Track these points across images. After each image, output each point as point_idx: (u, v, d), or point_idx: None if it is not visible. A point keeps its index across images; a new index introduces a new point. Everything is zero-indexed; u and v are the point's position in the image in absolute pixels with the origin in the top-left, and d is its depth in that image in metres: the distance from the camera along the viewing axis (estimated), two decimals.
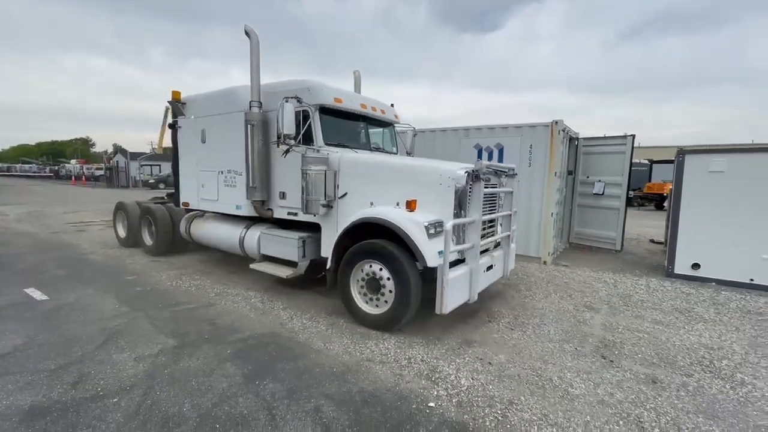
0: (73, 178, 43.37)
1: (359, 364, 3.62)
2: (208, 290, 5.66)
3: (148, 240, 7.93)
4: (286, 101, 4.77)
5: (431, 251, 3.96)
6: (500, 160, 8.15)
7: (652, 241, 10.79)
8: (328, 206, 4.95)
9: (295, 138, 4.91)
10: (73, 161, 60.46)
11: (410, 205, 4.37)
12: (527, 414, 2.94)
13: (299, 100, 5.01)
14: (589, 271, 7.37)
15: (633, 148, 8.59)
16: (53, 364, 3.46)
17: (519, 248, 8.01)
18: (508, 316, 4.95)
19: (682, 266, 6.89)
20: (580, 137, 9.18)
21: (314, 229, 5.31)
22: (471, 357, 3.82)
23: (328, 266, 4.82)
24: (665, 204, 19.11)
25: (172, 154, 7.26)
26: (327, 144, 5.16)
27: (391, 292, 4.24)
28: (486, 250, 4.96)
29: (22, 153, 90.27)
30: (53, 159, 72.98)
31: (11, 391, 3.04)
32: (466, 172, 4.24)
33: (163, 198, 8.76)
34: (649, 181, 24.11)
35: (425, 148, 9.20)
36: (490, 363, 3.71)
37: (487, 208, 4.77)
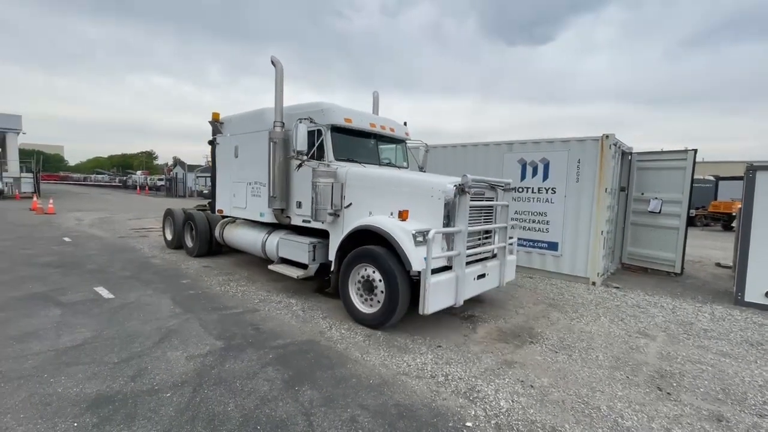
0: (138, 187, 47.39)
1: (395, 377, 3.62)
2: (253, 296, 5.92)
3: (189, 242, 8.82)
4: (300, 122, 5.44)
5: (417, 257, 4.27)
6: (545, 175, 7.90)
7: (719, 264, 9.85)
8: (335, 215, 5.44)
9: (307, 154, 5.53)
10: (138, 172, 66.14)
11: (402, 215, 4.78)
12: None
13: (311, 120, 5.65)
14: (643, 294, 6.87)
15: (695, 163, 7.98)
16: (116, 358, 3.78)
17: (564, 267, 7.69)
18: (552, 338, 4.73)
19: (753, 293, 6.23)
20: (633, 152, 8.68)
21: (326, 235, 5.76)
22: (511, 378, 3.68)
23: (332, 269, 5.31)
24: (734, 224, 17.41)
25: (211, 168, 8.25)
26: (338, 159, 5.66)
27: (382, 293, 4.59)
28: (481, 260, 5.20)
29: (96, 165, 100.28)
30: (122, 170, 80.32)
31: (81, 379, 3.36)
32: (455, 185, 4.53)
33: (204, 206, 9.53)
34: (715, 199, 22.10)
35: (466, 162, 9.12)
36: (531, 386, 3.56)
37: (482, 220, 5.15)
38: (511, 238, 5.77)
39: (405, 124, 6.98)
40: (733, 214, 18.08)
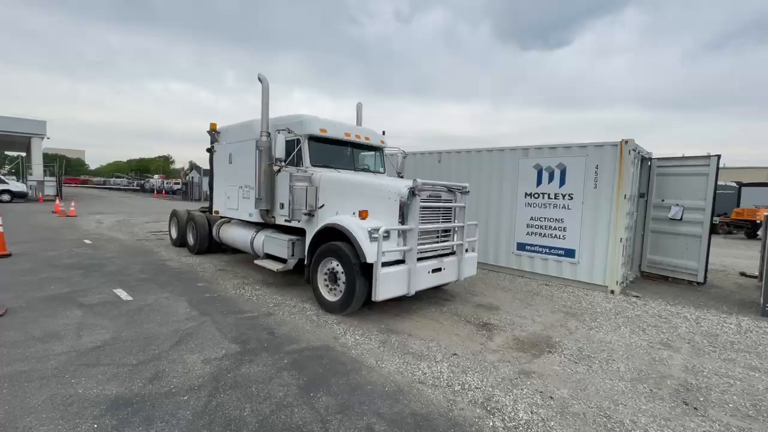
0: (155, 191, 48.38)
1: (411, 385, 3.57)
2: (268, 300, 5.95)
3: (191, 240, 9.54)
4: (278, 132, 6.09)
5: (372, 250, 4.77)
6: (562, 180, 7.78)
7: (743, 274, 9.52)
8: (310, 215, 5.99)
9: (285, 161, 6.17)
10: (156, 176, 67.53)
11: (362, 215, 5.32)
12: None
13: (289, 131, 6.25)
14: (664, 304, 6.67)
15: (718, 169, 7.75)
16: (135, 360, 3.83)
17: (582, 274, 7.55)
18: (571, 347, 4.62)
19: None
20: (653, 157, 8.49)
21: (305, 233, 6.24)
22: (530, 389, 3.60)
23: (305, 262, 5.92)
24: (759, 232, 16.85)
25: (209, 173, 9.10)
26: (314, 165, 6.28)
27: (343, 283, 5.16)
28: (438, 256, 5.68)
29: (115, 168, 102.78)
30: (140, 174, 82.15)
31: (101, 381, 3.41)
32: (409, 188, 5.05)
33: (207, 208, 10.02)
34: (738, 205, 21.44)
35: (481, 168, 9.06)
36: (551, 397, 3.47)
37: (440, 220, 5.65)
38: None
39: (383, 133, 7.64)
40: (758, 221, 17.50)
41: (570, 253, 7.69)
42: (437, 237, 5.73)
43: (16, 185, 24.67)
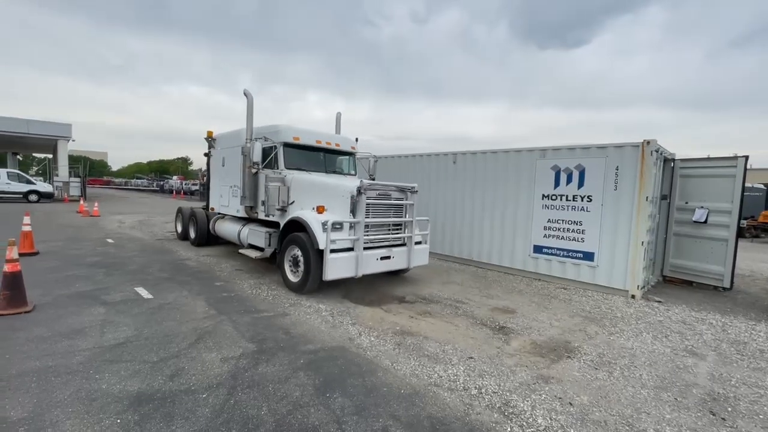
0: (173, 192, 49.49)
1: (427, 388, 3.55)
2: (284, 300, 6.01)
3: (192, 234, 10.58)
4: (256, 140, 7.13)
5: (323, 239, 5.64)
6: (581, 182, 7.63)
7: None
8: (283, 210, 6.90)
9: (261, 164, 7.20)
10: (174, 177, 69.08)
11: (319, 209, 6.17)
12: None
13: (266, 138, 7.29)
14: (688, 310, 6.46)
15: (746, 170, 7.48)
16: (155, 357, 3.91)
17: (601, 278, 7.40)
18: (590, 353, 4.51)
19: None
20: (676, 158, 8.25)
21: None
22: (548, 394, 3.53)
23: (277, 250, 6.86)
24: None
25: (206, 175, 10.19)
26: (289, 168, 7.21)
27: (302, 266, 6.07)
28: (388, 246, 6.56)
29: (136, 170, 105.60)
30: (159, 175, 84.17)
31: (124, 377, 3.50)
32: (357, 187, 5.81)
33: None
34: (766, 208, 20.65)
35: (497, 169, 8.97)
36: (570, 404, 3.40)
37: (391, 215, 6.54)
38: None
39: (356, 140, 8.48)
40: None
41: (589, 256, 7.53)
42: (388, 230, 6.59)
43: (43, 186, 25.61)
